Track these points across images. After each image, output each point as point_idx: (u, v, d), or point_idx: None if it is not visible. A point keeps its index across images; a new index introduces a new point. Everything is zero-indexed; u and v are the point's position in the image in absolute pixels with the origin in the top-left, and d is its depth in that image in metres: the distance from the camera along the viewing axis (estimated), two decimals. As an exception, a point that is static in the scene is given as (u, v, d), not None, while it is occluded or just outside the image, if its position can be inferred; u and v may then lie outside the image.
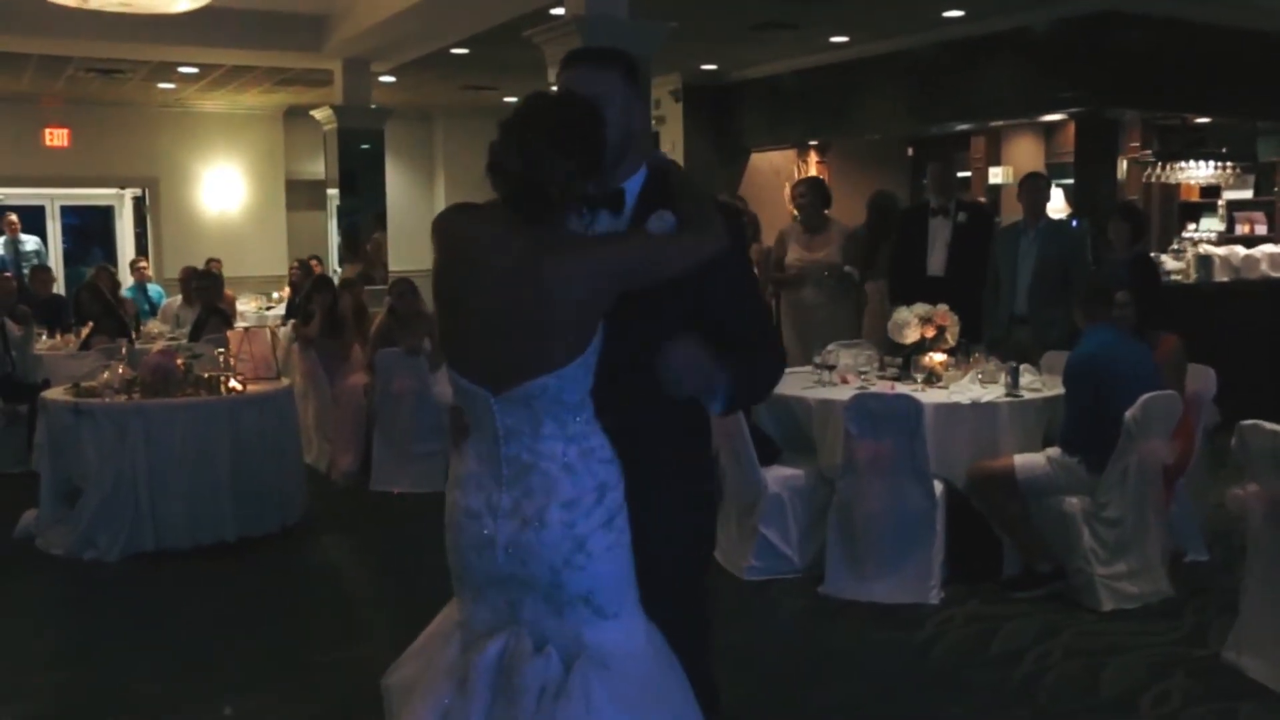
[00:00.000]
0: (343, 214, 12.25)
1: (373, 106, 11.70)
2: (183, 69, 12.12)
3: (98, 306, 8.68)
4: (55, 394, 6.54)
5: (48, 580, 5.91)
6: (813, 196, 7.80)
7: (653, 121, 8.23)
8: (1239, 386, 5.96)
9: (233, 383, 6.45)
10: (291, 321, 9.47)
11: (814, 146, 12.91)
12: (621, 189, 2.55)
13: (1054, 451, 5.27)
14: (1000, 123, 11.78)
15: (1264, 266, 10.06)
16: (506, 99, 14.83)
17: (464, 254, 2.43)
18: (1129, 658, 4.56)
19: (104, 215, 16.62)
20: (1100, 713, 4.12)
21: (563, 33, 6.87)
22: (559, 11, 7.43)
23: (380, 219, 12.09)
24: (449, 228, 2.50)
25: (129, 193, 15.96)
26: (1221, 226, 12.18)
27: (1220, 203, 12.42)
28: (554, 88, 2.79)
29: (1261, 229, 11.99)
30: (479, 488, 2.44)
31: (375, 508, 7.29)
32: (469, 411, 2.49)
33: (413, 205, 15.16)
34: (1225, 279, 9.75)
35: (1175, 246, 10.53)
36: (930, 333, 5.94)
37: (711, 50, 11.18)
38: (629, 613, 2.44)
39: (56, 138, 14.28)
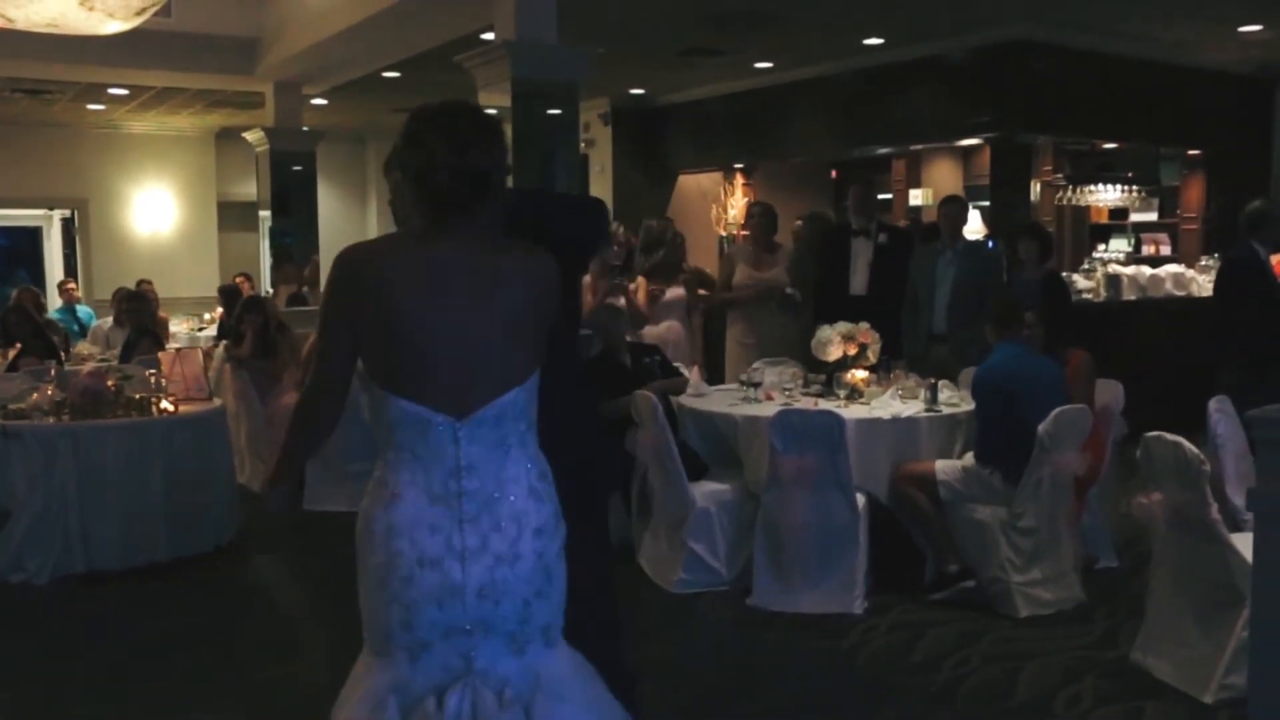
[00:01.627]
0: (275, 235, 12.15)
1: (305, 129, 11.62)
2: (113, 90, 11.95)
3: (26, 328, 8.52)
4: (-18, 417, 6.40)
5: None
6: (765, 219, 7.87)
7: (581, 145, 8.24)
8: (1145, 400, 6.12)
9: (164, 403, 6.37)
10: (223, 342, 9.36)
11: (740, 169, 13.03)
12: None
13: (969, 461, 5.38)
14: (920, 146, 12.00)
15: (1168, 285, 10.34)
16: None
17: (413, 281, 2.27)
18: (1044, 662, 4.66)
19: (31, 236, 16.31)
20: (1016, 715, 4.20)
21: (493, 57, 6.90)
22: (489, 36, 7.47)
23: (313, 240, 12.01)
24: (377, 261, 2.32)
25: (57, 214, 15.69)
26: (1129, 247, 12.48)
27: (1125, 223, 12.74)
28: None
29: (1166, 249, 12.32)
30: (433, 530, 2.25)
31: (309, 527, 7.21)
32: (417, 445, 2.28)
33: (346, 226, 15.08)
34: (1133, 297, 10.01)
35: (1086, 266, 10.77)
36: (852, 350, 6.04)
37: (640, 75, 11.27)
38: (562, 638, 2.39)
39: (-19, 159, 13.99)
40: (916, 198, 12.97)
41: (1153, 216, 12.51)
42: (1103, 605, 5.32)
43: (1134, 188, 11.82)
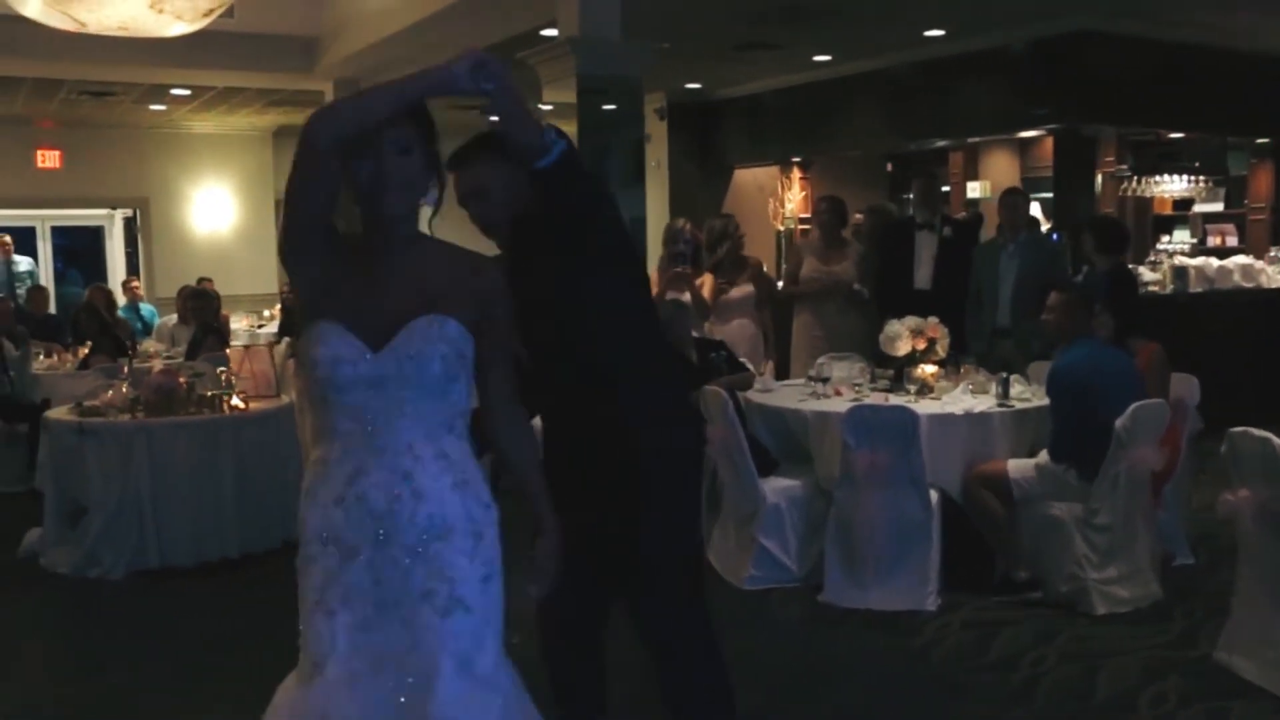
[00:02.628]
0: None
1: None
2: (175, 91, 12.09)
3: (95, 326, 8.64)
4: (58, 414, 6.50)
5: (53, 598, 5.87)
6: (832, 214, 7.76)
7: (644, 139, 8.20)
8: (1216, 394, 6.02)
9: (235, 400, 6.43)
10: (286, 339, 9.44)
11: (797, 163, 12.96)
12: None
13: (1043, 459, 5.31)
14: (978, 139, 11.87)
15: (1236, 277, 10.18)
16: (492, 118, 14.87)
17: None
18: (1123, 661, 4.59)
19: (94, 235, 16.56)
20: (1097, 714, 4.14)
21: (557, 54, 6.90)
22: (550, 33, 7.46)
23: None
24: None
25: (120, 213, 15.91)
26: (1194, 239, 12.28)
27: (1189, 214, 12.54)
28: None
29: (1232, 240, 12.11)
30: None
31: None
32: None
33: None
34: (1200, 289, 9.85)
35: (1151, 258, 10.62)
36: (921, 345, 5.98)
37: (696, 69, 11.24)
38: None
39: (48, 159, 14.23)
40: (974, 190, 12.84)
41: (1219, 207, 12.30)
42: (1180, 603, 5.23)
43: (1200, 178, 11.62)
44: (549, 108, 7.37)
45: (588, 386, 3.01)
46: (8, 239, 13.81)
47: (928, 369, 5.92)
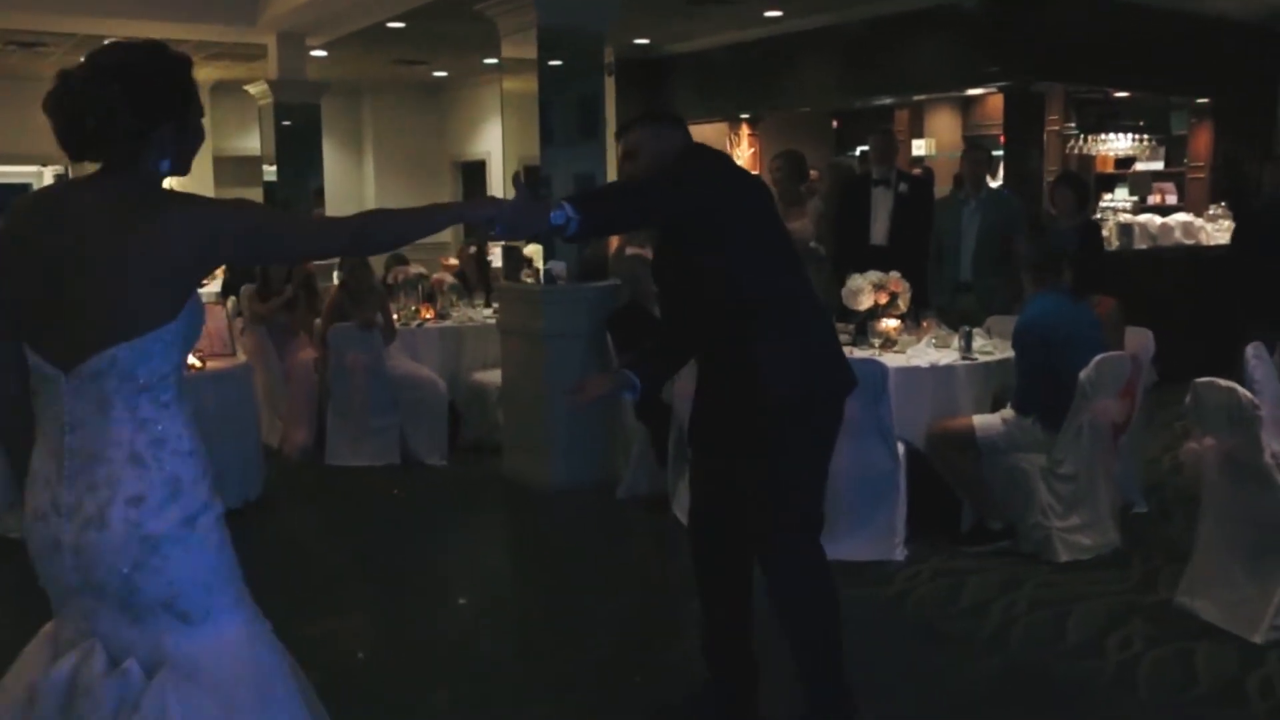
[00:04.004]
0: (279, 190, 12.02)
1: (309, 80, 11.48)
2: (109, 42, 11.76)
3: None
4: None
5: (9, 564, 5.74)
6: (789, 169, 7.73)
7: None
8: (1163, 347, 6.15)
9: (191, 359, 6.32)
10: (231, 298, 9.26)
11: (745, 120, 12.95)
12: None
13: (1008, 412, 5.39)
14: (923, 97, 11.93)
15: (1178, 234, 10.38)
16: (436, 73, 14.67)
17: (36, 221, 2.20)
18: (1089, 606, 4.71)
19: (21, 192, 16.10)
20: (1070, 658, 4.25)
21: (517, 5, 6.81)
22: (506, -14, 7.36)
23: (319, 194, 11.90)
24: (18, 205, 2.26)
25: (50, 169, 15.48)
26: (1134, 197, 12.46)
27: (1128, 173, 12.73)
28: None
29: (1172, 199, 12.31)
30: (45, 485, 2.16)
31: (332, 482, 7.23)
32: (40, 398, 2.20)
33: (344, 179, 14.95)
34: (1144, 246, 10.03)
35: (1098, 215, 10.77)
36: (883, 299, 6.03)
37: (645, 24, 11.14)
38: (220, 617, 2.23)
39: (-26, 113, 13.79)
40: (919, 148, 12.92)
41: (1160, 166, 12.49)
42: (1138, 550, 5.38)
43: (1144, 137, 11.78)
44: (493, 61, 7.26)
45: (723, 349, 3.40)
46: (-65, 196, 13.45)
47: (890, 323, 5.97)
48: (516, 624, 4.92)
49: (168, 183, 2.33)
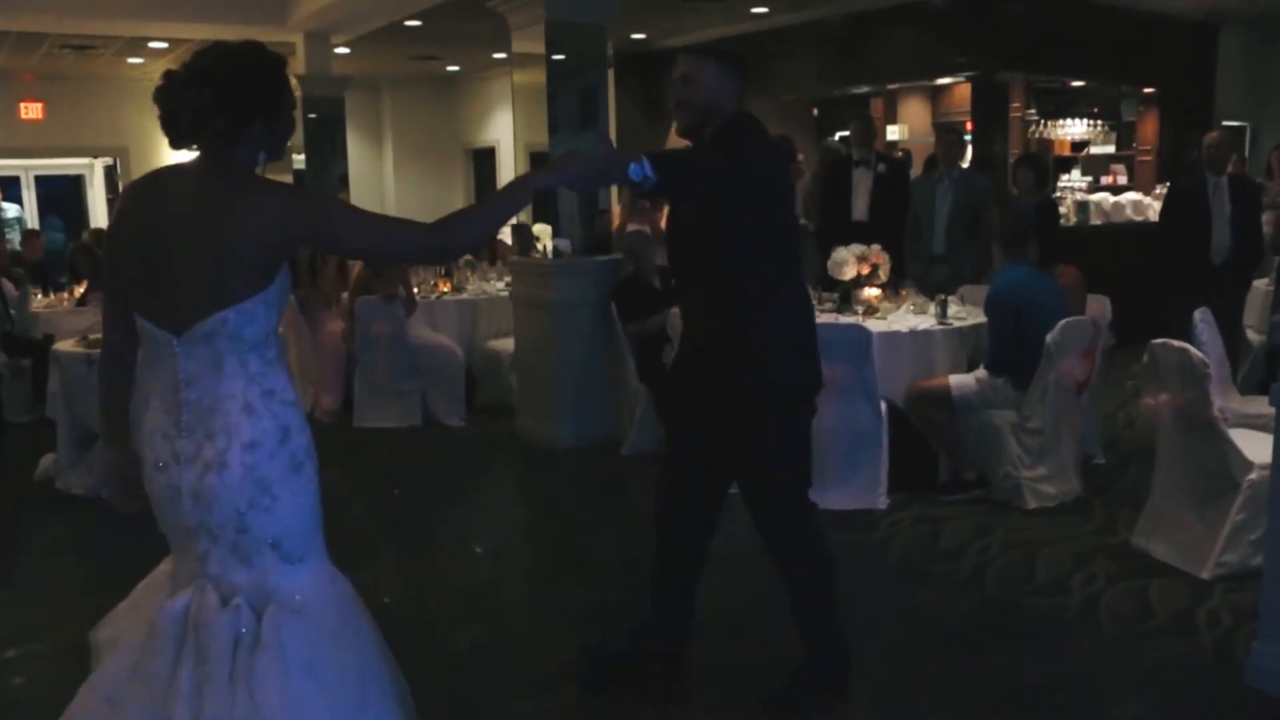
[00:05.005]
0: (307, 176, 11.92)
1: (334, 75, 11.37)
2: (153, 44, 11.63)
3: (91, 266, 8.36)
4: (66, 346, 6.30)
5: (71, 518, 5.72)
6: None
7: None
8: (1118, 313, 6.13)
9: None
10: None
11: (732, 108, 12.82)
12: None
13: (981, 373, 5.35)
14: (896, 85, 11.83)
15: (1128, 211, 10.34)
16: (449, 68, 14.53)
17: (146, 201, 2.28)
18: (1056, 548, 4.69)
19: (75, 183, 15.99)
20: (1040, 595, 4.23)
21: (526, 3, 6.71)
22: (515, -16, 7.25)
23: (344, 180, 11.82)
24: (131, 188, 2.34)
25: (100, 162, 15.36)
26: (1089, 178, 12.39)
27: (1081, 155, 12.64)
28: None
29: (1123, 179, 12.23)
30: (164, 438, 2.23)
31: (360, 443, 7.19)
32: (153, 361, 2.26)
33: (365, 169, 14.84)
34: (1098, 222, 9.98)
35: (1056, 194, 10.70)
36: (865, 270, 5.97)
37: (642, 20, 11.02)
38: (315, 558, 2.29)
39: (31, 111, 13.66)
40: (893, 133, 12.82)
41: (1111, 149, 12.41)
42: (1099, 496, 5.36)
43: (1098, 122, 11.71)
44: (501, 56, 7.17)
45: (721, 325, 3.21)
46: (-7, 187, 13.37)
47: (871, 292, 5.92)
48: (530, 570, 4.89)
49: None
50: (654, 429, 6.27)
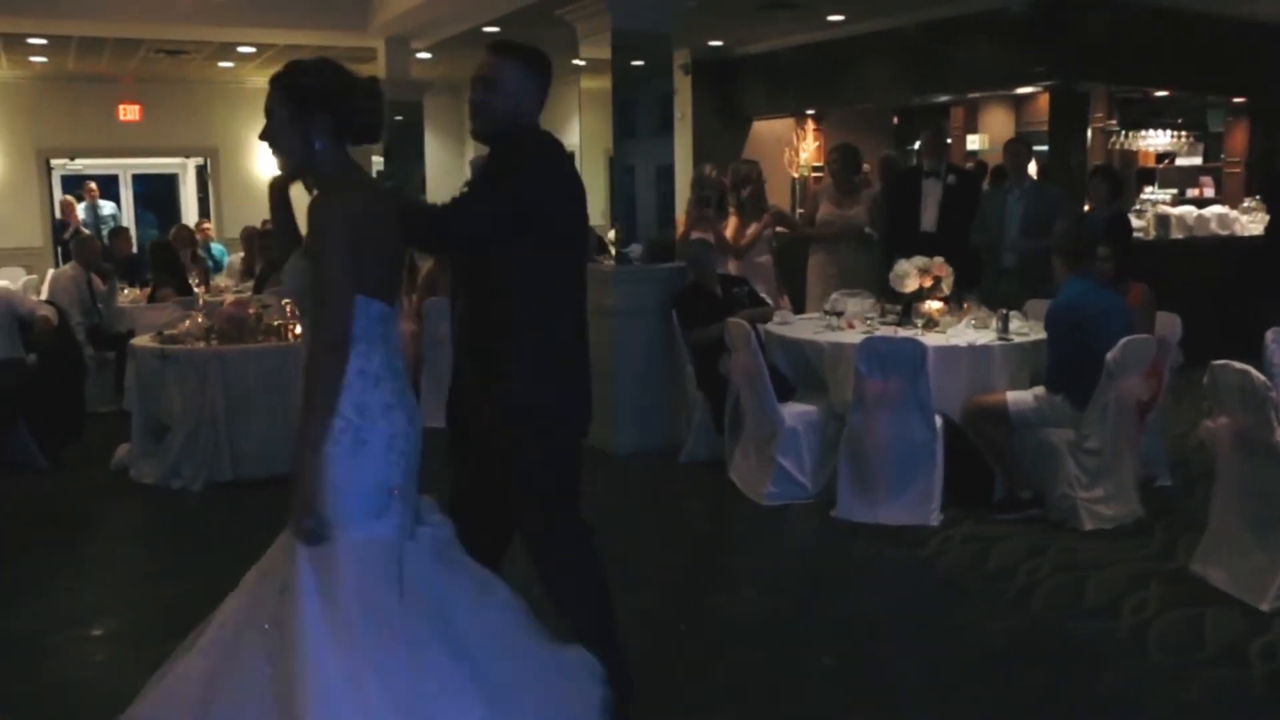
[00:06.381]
0: (386, 179, 12.14)
1: (413, 80, 11.57)
2: (241, 49, 11.97)
3: (164, 263, 8.63)
4: (142, 341, 6.51)
5: (141, 507, 5.92)
6: (844, 161, 7.63)
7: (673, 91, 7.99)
8: (1193, 332, 5.96)
9: (299, 329, 6.41)
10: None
11: (811, 115, 12.77)
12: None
13: (1040, 390, 5.25)
14: (977, 94, 11.66)
15: (1213, 225, 10.02)
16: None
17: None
18: (1109, 571, 4.57)
19: (169, 182, 16.53)
20: (1087, 619, 4.13)
21: (593, 10, 6.76)
22: (587, -9, 7.30)
23: (422, 183, 12.03)
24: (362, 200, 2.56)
25: (192, 161, 15.87)
26: (1174, 190, 12.08)
27: (1160, 167, 12.32)
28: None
29: (1210, 192, 11.90)
30: (403, 393, 2.58)
31: (427, 439, 7.28)
32: (379, 333, 2.51)
33: (445, 171, 15.04)
34: (1180, 236, 9.71)
35: (1137, 207, 10.45)
36: (927, 282, 5.90)
37: (719, 28, 11.03)
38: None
39: (129, 113, 14.13)
40: (974, 143, 12.65)
41: (1198, 161, 12.07)
42: (1160, 520, 5.21)
43: (1182, 133, 11.39)
44: (582, 64, 7.23)
45: (488, 346, 3.03)
46: (93, 185, 13.85)
47: (933, 305, 5.86)
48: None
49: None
50: (711, 437, 6.27)
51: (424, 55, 11.96)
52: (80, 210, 13.25)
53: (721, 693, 3.59)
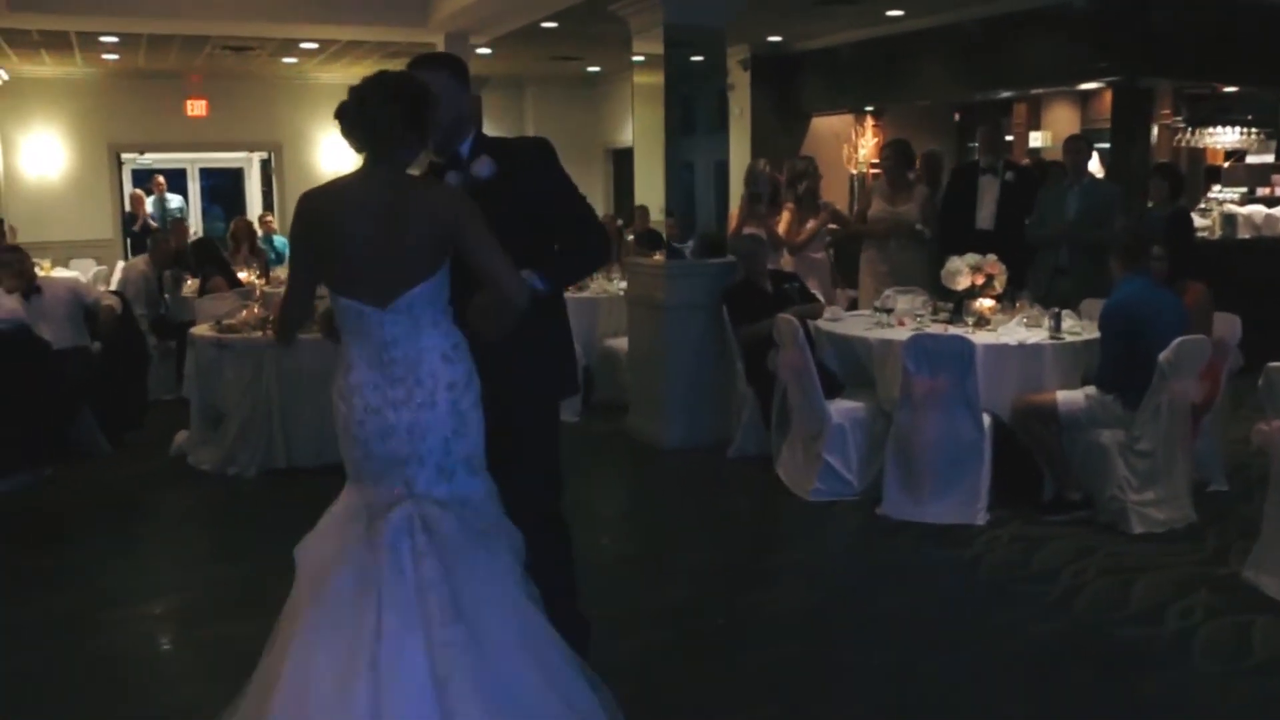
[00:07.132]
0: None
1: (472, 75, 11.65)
2: (305, 45, 12.17)
3: (206, 259, 8.80)
4: (201, 331, 6.66)
5: (198, 492, 6.06)
6: (896, 159, 7.57)
7: (728, 88, 7.98)
8: (1259, 334, 5.82)
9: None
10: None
11: (870, 112, 12.68)
12: (459, 152, 3.13)
13: (1091, 390, 5.18)
14: (1040, 90, 11.48)
15: (1283, 224, 9.79)
16: (590, 68, 14.74)
17: (334, 208, 2.70)
18: (1157, 576, 4.50)
19: (235, 176, 16.87)
20: (1131, 624, 4.08)
21: (646, 6, 6.78)
22: (642, -14, 7.32)
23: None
24: (309, 199, 2.76)
25: (257, 156, 16.18)
26: (1243, 189, 11.80)
27: (1229, 164, 12.02)
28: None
29: (1281, 190, 11.61)
30: (374, 388, 2.69)
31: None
32: (353, 328, 2.70)
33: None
34: (1247, 236, 9.50)
35: (1203, 205, 10.24)
36: (980, 280, 5.85)
37: (778, 23, 10.99)
38: (486, 471, 2.82)
39: (196, 108, 14.46)
40: (1036, 139, 12.47)
41: (1269, 158, 11.78)
42: (1213, 525, 5.11)
43: (1252, 130, 11.12)
44: (640, 59, 7.25)
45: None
46: (161, 179, 14.17)
47: (985, 303, 5.80)
48: (610, 565, 4.87)
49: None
50: (760, 433, 6.28)
51: (483, 51, 12.07)
52: (148, 204, 13.55)
53: (760, 688, 3.60)
